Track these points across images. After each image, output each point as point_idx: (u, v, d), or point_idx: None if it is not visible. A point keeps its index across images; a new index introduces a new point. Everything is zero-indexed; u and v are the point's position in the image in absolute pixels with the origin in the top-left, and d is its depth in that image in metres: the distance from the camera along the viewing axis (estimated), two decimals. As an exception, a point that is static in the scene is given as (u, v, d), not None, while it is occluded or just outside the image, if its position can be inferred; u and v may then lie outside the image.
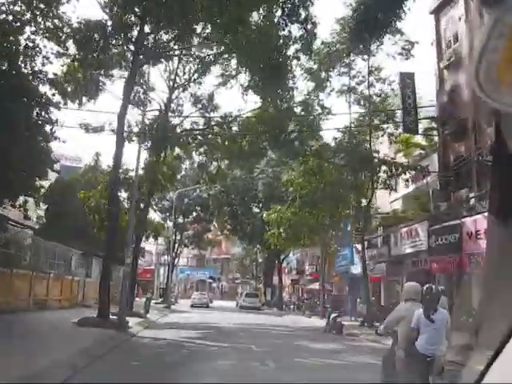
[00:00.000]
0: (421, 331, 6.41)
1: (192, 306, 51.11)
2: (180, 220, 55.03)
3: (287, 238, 32.18)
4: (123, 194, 29.79)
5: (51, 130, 19.12)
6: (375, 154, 27.96)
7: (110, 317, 20.41)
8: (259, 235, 48.34)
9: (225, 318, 32.35)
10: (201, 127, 30.78)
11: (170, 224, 53.95)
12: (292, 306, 48.87)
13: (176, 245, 58.07)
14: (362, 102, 29.55)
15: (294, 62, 25.85)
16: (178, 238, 58.67)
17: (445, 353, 6.50)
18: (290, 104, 27.61)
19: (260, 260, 76.09)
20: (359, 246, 32.00)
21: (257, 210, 49.71)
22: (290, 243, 33.16)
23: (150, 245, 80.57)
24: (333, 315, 24.41)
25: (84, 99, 23.10)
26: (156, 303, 49.66)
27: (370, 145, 27.79)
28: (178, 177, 53.50)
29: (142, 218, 28.41)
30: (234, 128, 30.81)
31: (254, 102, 49.68)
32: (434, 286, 6.93)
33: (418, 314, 6.43)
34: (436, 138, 26.32)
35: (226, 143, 30.96)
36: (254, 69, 24.37)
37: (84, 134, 49.84)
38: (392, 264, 28.90)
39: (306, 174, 29.44)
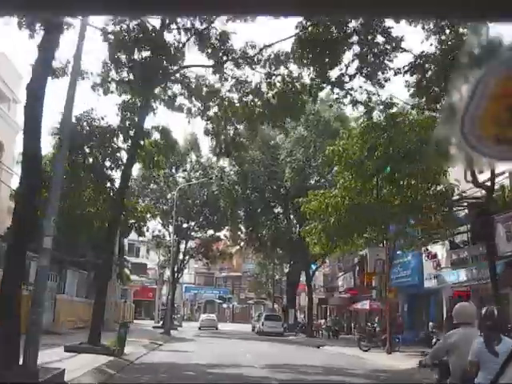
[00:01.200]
0: (482, 366, 4.96)
1: (200, 328, 47.44)
2: (184, 225, 44.91)
3: (338, 233, 21.95)
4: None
5: None
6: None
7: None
8: (283, 242, 38.28)
9: (242, 352, 22.22)
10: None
11: (170, 230, 43.97)
12: (324, 332, 38.38)
13: (179, 256, 47.98)
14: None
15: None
16: (182, 247, 48.70)
17: None
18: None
19: (277, 277, 65.99)
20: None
21: (278, 210, 39.72)
22: (341, 242, 22.99)
23: (152, 262, 71.26)
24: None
25: None
26: (155, 327, 39.45)
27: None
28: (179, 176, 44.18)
29: (118, 200, 18.12)
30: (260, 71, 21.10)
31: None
32: (495, 308, 5.40)
33: (479, 344, 5.09)
34: None
35: (248, 97, 21.46)
36: None
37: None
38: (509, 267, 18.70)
39: (369, 131, 19.54)
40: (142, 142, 20.20)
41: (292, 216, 39.68)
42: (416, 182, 19.27)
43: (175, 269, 48.06)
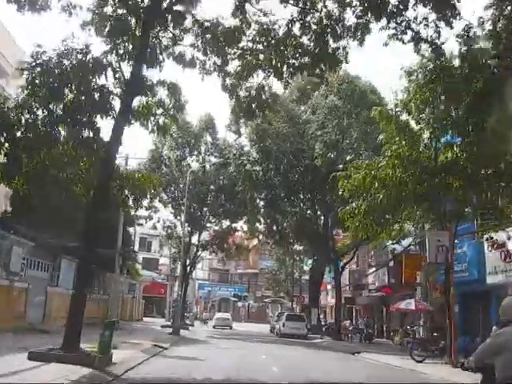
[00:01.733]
0: None
1: (214, 326, 45.69)
2: (197, 214, 40.53)
3: (385, 214, 17.41)
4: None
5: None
6: None
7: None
8: (307, 234, 33.81)
9: (265, 362, 17.78)
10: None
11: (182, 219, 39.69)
12: (354, 336, 33.74)
13: (192, 249, 43.68)
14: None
15: None
16: (195, 239, 44.45)
17: None
18: None
19: (296, 274, 61.54)
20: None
21: (304, 197, 35.06)
22: (389, 225, 18.49)
23: (165, 258, 67.05)
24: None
25: None
26: (164, 326, 35.24)
27: None
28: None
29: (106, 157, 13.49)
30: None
31: None
32: None
33: None
34: None
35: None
36: None
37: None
38: None
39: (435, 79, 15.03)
40: (141, 97, 15.89)
41: (317, 206, 35.04)
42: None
43: (187, 262, 43.78)
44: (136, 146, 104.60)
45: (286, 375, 13.72)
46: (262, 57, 18.13)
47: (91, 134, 12.53)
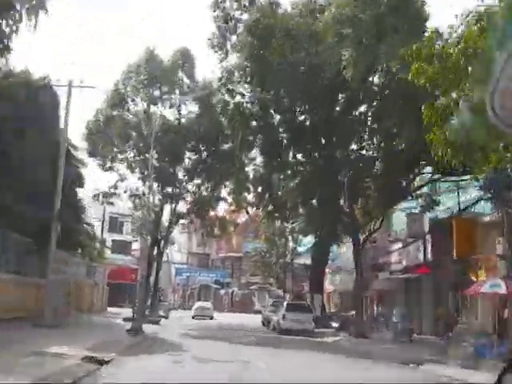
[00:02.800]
0: None
1: (193, 317, 41.17)
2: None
3: None
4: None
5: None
6: None
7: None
8: (322, 193, 24.84)
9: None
10: None
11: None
12: (381, 331, 25.03)
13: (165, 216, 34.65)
14: None
15: None
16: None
17: None
18: None
19: (288, 257, 52.87)
20: None
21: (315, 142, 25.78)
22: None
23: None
24: None
25: None
26: (127, 319, 25.91)
27: None
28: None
29: None
30: None
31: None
32: None
33: None
34: None
35: None
36: None
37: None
38: None
39: None
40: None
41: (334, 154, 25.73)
42: None
43: (158, 238, 34.79)
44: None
45: None
46: None
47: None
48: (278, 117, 23.14)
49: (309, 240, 53.10)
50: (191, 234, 74.12)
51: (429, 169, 23.63)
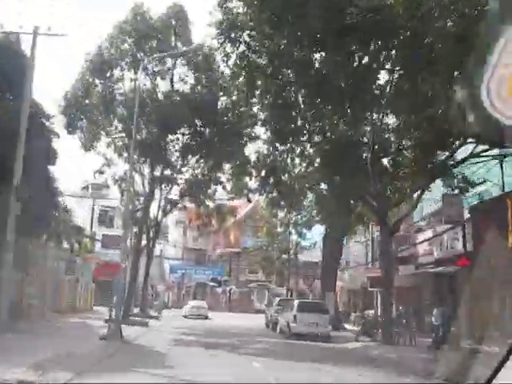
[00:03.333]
0: None
1: (187, 316, 39.04)
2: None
3: None
4: None
5: None
6: None
7: None
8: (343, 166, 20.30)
9: None
10: None
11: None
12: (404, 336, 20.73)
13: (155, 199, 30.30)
14: None
15: None
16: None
17: None
18: None
19: (291, 253, 48.68)
20: None
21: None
22: None
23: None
24: None
25: None
26: (109, 321, 21.23)
27: None
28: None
29: None
30: None
31: None
32: None
33: None
34: None
35: None
36: None
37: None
38: None
39: None
40: None
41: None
42: None
43: (149, 227, 30.50)
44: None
45: None
46: None
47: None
48: (291, 69, 18.43)
49: (313, 233, 49.05)
50: (186, 229, 70.01)
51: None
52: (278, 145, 26.01)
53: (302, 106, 19.57)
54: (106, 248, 63.14)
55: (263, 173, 29.38)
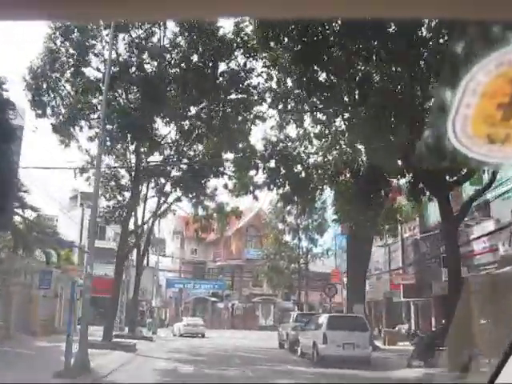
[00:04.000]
0: None
1: (182, 335, 36.52)
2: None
3: None
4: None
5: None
6: None
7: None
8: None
9: None
10: None
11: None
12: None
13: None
14: None
15: None
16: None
17: None
18: None
19: (301, 262, 43.68)
20: None
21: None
22: None
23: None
24: None
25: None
26: (67, 346, 15.47)
27: None
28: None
29: None
30: None
31: None
32: None
33: None
34: None
35: None
36: None
37: None
38: None
39: None
40: None
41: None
42: None
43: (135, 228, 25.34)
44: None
45: None
46: None
47: None
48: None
49: (325, 239, 44.17)
50: (183, 241, 64.96)
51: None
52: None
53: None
54: (98, 262, 57.44)
55: (272, 163, 24.79)
